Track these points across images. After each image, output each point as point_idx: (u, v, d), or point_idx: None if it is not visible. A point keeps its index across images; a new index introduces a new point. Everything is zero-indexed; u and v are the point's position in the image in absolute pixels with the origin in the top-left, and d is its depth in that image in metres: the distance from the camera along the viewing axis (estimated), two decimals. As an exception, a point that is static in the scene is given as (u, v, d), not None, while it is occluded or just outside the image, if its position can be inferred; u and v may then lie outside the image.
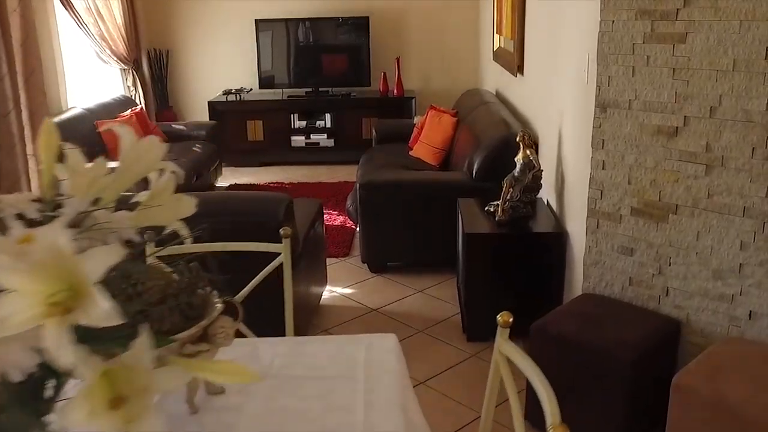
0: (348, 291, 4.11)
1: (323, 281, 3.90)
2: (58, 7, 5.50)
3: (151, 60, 7.28)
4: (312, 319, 3.71)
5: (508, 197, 3.41)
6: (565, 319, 2.65)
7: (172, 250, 2.08)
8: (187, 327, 1.23)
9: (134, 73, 6.76)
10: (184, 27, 7.39)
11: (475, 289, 3.36)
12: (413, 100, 6.90)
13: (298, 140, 7.05)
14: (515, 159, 3.44)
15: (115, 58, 6.34)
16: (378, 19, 7.07)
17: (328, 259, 4.46)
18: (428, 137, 5.29)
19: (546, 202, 3.66)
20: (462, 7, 7.10)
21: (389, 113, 6.89)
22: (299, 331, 3.36)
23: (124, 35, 6.51)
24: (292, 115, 7.02)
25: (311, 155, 7.07)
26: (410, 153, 5.40)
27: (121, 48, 6.44)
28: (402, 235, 4.19)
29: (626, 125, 2.62)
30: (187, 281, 1.27)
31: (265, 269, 2.11)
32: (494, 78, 5.94)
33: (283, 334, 2.16)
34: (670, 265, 2.59)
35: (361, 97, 7.02)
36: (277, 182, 6.46)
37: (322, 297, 3.96)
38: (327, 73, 7.20)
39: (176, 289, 1.24)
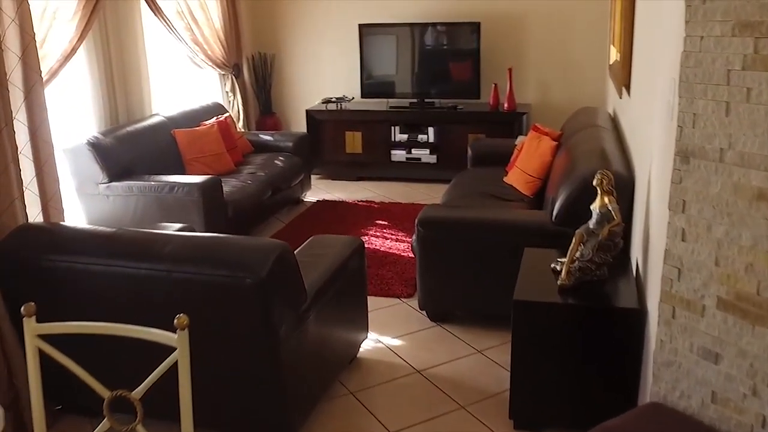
0: (396, 342, 3.52)
1: (362, 329, 3.35)
2: (146, 11, 5.30)
3: (255, 64, 7.03)
4: (341, 376, 3.17)
5: (577, 255, 2.69)
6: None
7: (51, 328, 1.62)
8: None
9: (233, 78, 6.51)
10: (291, 30, 7.08)
11: (523, 368, 2.68)
12: (524, 116, 6.16)
13: (398, 154, 6.53)
14: (591, 207, 2.72)
15: (211, 63, 6.11)
16: (490, 24, 6.38)
17: (387, 300, 3.93)
18: (524, 162, 4.58)
19: (635, 265, 2.88)
20: (590, 10, 6.25)
21: (498, 130, 6.20)
22: (324, 388, 2.86)
23: (223, 39, 6.27)
24: (393, 128, 6.50)
25: (412, 171, 6.52)
26: (505, 179, 4.72)
27: (218, 52, 6.20)
28: (465, 281, 3.55)
29: (715, 184, 1.86)
30: None
31: (162, 365, 1.59)
32: (613, 96, 5.10)
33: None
34: (770, 385, 1.81)
35: (468, 110, 6.38)
36: (367, 200, 5.97)
37: (363, 347, 3.41)
38: (433, 83, 6.62)
39: None
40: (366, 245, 4.79)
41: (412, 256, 4.56)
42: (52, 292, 2.53)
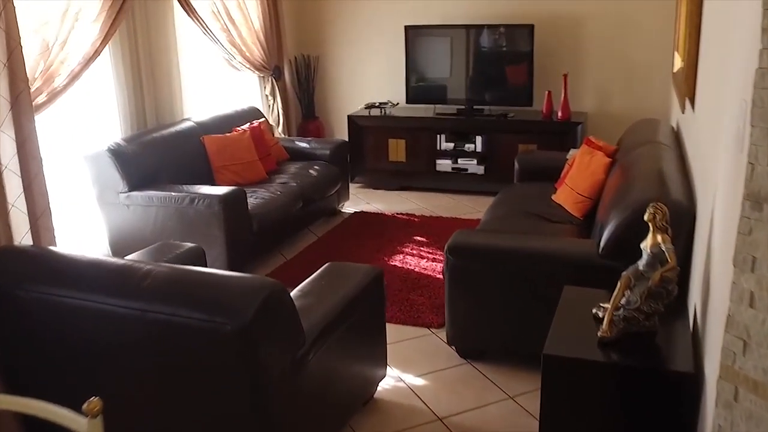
0: (419, 382, 3.17)
1: (380, 366, 3.00)
2: (178, 11, 5.07)
3: (298, 66, 6.76)
4: (353, 420, 2.83)
5: (622, 302, 2.29)
6: None
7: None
8: None
9: (273, 81, 6.25)
10: (336, 31, 6.78)
11: (553, 429, 2.29)
12: (579, 127, 5.70)
13: (443, 164, 6.15)
14: (641, 246, 2.31)
15: (249, 66, 5.85)
16: (545, 27, 5.94)
17: (415, 330, 3.58)
18: (574, 180, 4.16)
19: (692, 315, 2.46)
20: (654, 11, 5.74)
21: (550, 140, 5.77)
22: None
23: (263, 40, 6.01)
24: (439, 136, 6.13)
25: (457, 182, 6.14)
26: (553, 197, 4.30)
27: (257, 54, 5.94)
28: (499, 316, 3.18)
29: (795, 239, 1.45)
30: None
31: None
32: (677, 108, 4.62)
33: None
34: None
35: (519, 119, 5.96)
36: (407, 213, 5.62)
37: (381, 386, 3.07)
38: (483, 88, 6.22)
39: None
40: (399, 265, 4.49)
41: (448, 279, 4.20)
42: (25, 324, 2.28)
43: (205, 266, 3.24)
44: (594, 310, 2.45)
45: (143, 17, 4.74)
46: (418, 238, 4.99)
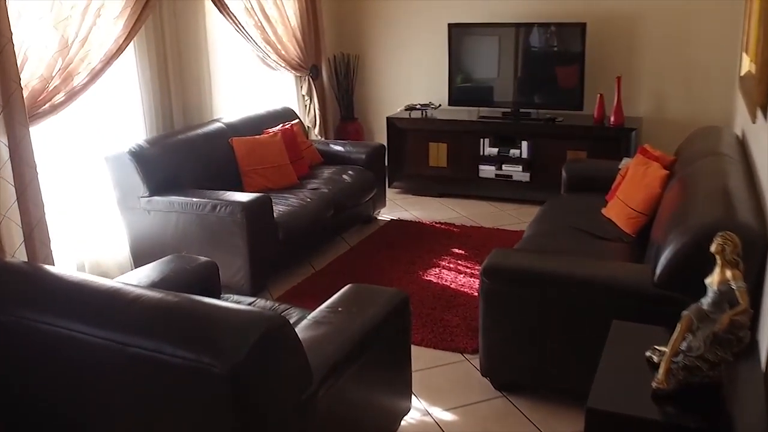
0: (448, 417, 2.87)
1: (403, 399, 2.70)
2: (210, 8, 4.85)
3: (337, 65, 6.50)
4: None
5: (682, 347, 1.95)
6: None
7: None
8: None
9: (311, 80, 6.00)
10: (377, 29, 6.51)
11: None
12: (633, 133, 5.31)
13: (487, 170, 5.82)
14: (706, 281, 1.97)
15: (285, 65, 5.61)
16: (598, 26, 5.56)
17: (447, 355, 3.29)
18: (626, 193, 3.81)
19: (764, 365, 2.10)
20: (718, 10, 5.32)
21: (601, 147, 5.40)
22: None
23: (300, 38, 5.76)
24: (482, 140, 5.80)
25: (501, 190, 5.80)
26: (603, 211, 3.95)
27: (293, 53, 5.70)
28: (538, 347, 2.85)
29: None
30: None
31: None
32: (743, 116, 4.21)
33: None
34: None
35: (568, 123, 5.59)
36: (446, 222, 5.30)
37: (406, 421, 2.77)
38: (530, 90, 5.86)
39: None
40: (434, 280, 4.18)
41: (485, 298, 3.88)
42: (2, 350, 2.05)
43: (218, 284, 3.00)
44: (648, 353, 2.12)
45: (171, 13, 4.53)
46: (457, 250, 4.67)
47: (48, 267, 2.17)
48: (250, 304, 2.86)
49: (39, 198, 2.52)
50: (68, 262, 4.07)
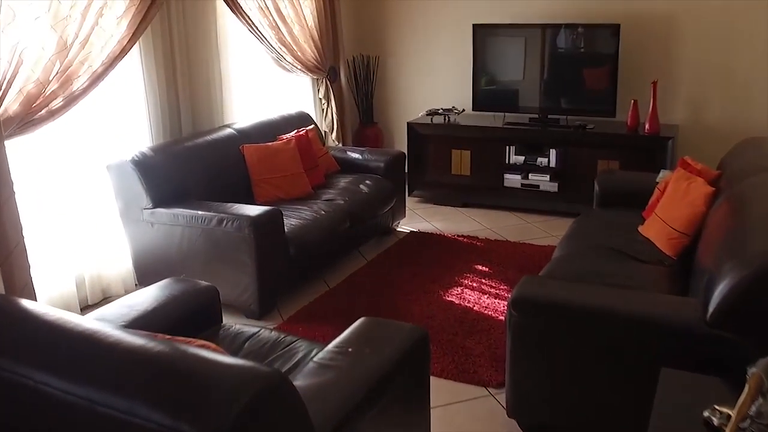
0: (469, 464, 2.58)
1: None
2: (221, 7, 4.60)
3: (356, 67, 6.23)
4: None
5: (751, 411, 1.65)
6: None
7: None
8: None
9: (328, 83, 5.74)
10: (398, 30, 6.22)
11: None
12: (669, 142, 4.98)
13: (512, 179, 5.52)
14: (779, 334, 1.66)
15: (301, 66, 5.35)
16: (633, 27, 5.23)
17: (469, 389, 3.00)
18: (667, 210, 3.49)
19: None
20: (761, 10, 4.97)
21: (635, 157, 5.08)
22: None
23: (317, 39, 5.49)
24: (508, 147, 5.50)
25: (527, 200, 5.49)
26: (640, 228, 3.64)
27: (310, 54, 5.43)
28: (573, 389, 2.55)
29: None
30: None
31: None
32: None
33: None
34: None
35: (599, 131, 5.26)
36: (469, 235, 5.00)
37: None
38: (559, 95, 5.55)
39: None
40: (456, 301, 3.89)
41: (512, 323, 3.58)
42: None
43: (219, 310, 2.73)
44: (706, 414, 1.81)
45: (180, 12, 4.28)
46: (480, 267, 4.38)
47: (15, 301, 1.91)
48: (252, 335, 2.58)
49: (16, 219, 2.27)
50: (66, 274, 3.84)
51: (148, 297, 2.58)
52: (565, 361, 2.52)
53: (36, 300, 3.04)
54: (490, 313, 3.73)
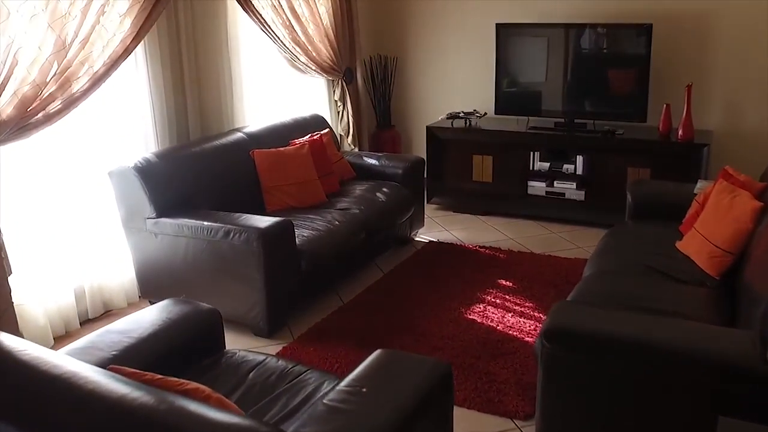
0: None
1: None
2: (232, 5, 4.38)
3: (373, 68, 5.99)
4: None
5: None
6: None
7: None
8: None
9: (344, 84, 5.50)
10: (417, 29, 5.97)
11: None
12: (705, 149, 4.69)
13: (536, 187, 5.25)
14: None
15: (315, 67, 5.12)
16: (665, 27, 4.95)
17: (493, 420, 2.76)
18: (708, 225, 3.23)
19: None
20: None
21: (667, 165, 4.80)
22: None
23: (333, 39, 5.26)
24: (532, 153, 5.24)
25: (552, 209, 5.23)
26: (678, 244, 3.38)
27: (325, 54, 5.20)
28: (612, 429, 2.29)
29: None
30: None
31: None
32: None
33: None
34: None
35: (629, 137, 4.98)
36: (491, 246, 4.74)
37: None
38: (587, 99, 5.28)
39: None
40: (478, 320, 3.63)
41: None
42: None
43: (221, 335, 2.51)
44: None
45: (188, 10, 4.06)
46: (504, 281, 4.12)
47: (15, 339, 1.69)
48: (258, 365, 2.35)
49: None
50: (65, 286, 3.64)
51: (143, 322, 2.36)
52: (604, 401, 2.26)
53: (17, 326, 2.81)
54: (515, 333, 3.47)
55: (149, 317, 2.38)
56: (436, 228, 5.16)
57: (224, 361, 2.40)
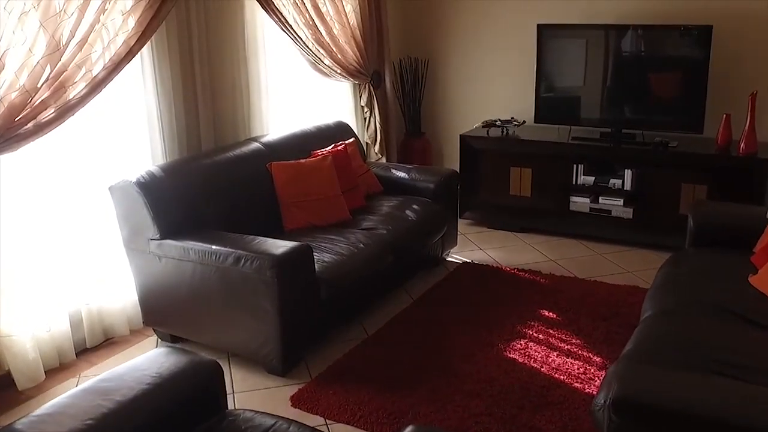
0: None
1: None
2: (250, 3, 4.00)
3: (403, 71, 5.59)
4: None
5: None
6: None
7: None
8: None
9: (371, 89, 5.10)
10: (450, 30, 5.56)
11: None
12: (774, 167, 4.22)
13: (580, 203, 4.81)
14: None
15: (341, 70, 4.72)
16: (726, 29, 4.48)
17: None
18: (792, 261, 2.77)
19: None
20: None
21: (727, 182, 4.34)
22: None
23: (360, 40, 4.86)
24: (576, 166, 4.80)
25: (597, 227, 4.78)
26: (751, 278, 2.93)
27: (351, 56, 4.81)
28: None
29: None
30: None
31: None
32: None
33: None
34: None
35: (683, 150, 4.52)
36: (531, 269, 4.31)
37: None
38: (638, 107, 4.82)
39: None
40: (519, 359, 3.17)
41: (593, 393, 2.90)
42: None
43: (223, 391, 2.12)
44: None
45: (200, 7, 3.69)
46: (546, 312, 3.70)
47: None
48: (267, 430, 1.95)
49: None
50: (60, 311, 3.29)
51: (128, 379, 1.97)
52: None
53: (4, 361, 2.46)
54: (562, 377, 3.05)
55: (136, 374, 2.00)
56: (470, 246, 4.74)
57: (225, 425, 2.01)
